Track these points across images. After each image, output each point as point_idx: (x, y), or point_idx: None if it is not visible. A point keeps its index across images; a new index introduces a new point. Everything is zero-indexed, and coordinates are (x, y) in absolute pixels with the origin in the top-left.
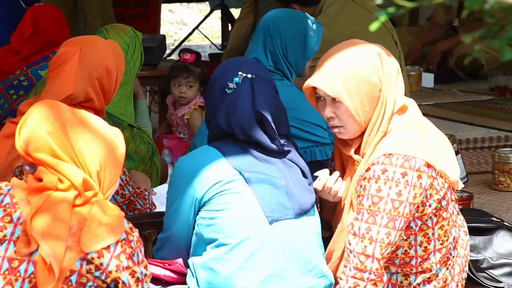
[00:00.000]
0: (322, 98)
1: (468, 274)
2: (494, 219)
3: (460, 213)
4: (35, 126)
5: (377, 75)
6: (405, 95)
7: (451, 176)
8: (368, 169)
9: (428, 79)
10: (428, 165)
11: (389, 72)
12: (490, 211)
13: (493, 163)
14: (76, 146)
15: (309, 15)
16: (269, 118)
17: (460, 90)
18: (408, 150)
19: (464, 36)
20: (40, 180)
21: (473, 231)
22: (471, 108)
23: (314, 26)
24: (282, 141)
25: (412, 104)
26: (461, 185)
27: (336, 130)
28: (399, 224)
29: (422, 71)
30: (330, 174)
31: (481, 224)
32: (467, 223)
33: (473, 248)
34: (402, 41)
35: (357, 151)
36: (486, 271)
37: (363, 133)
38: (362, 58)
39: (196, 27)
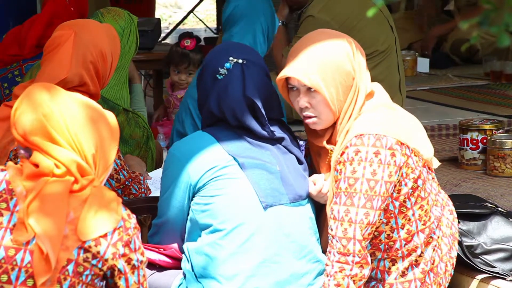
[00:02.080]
0: (295, 89)
1: (463, 259)
2: (488, 204)
3: (442, 191)
4: (31, 109)
5: (351, 63)
6: (399, 81)
7: (424, 154)
8: (342, 153)
9: (423, 64)
10: (401, 143)
11: (360, 60)
12: (485, 196)
13: (488, 149)
14: (72, 129)
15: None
16: (259, 104)
17: (455, 75)
18: (378, 129)
19: (461, 23)
20: (36, 165)
21: (467, 217)
22: (466, 93)
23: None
24: (275, 127)
25: (378, 88)
26: (436, 163)
27: (310, 120)
28: (376, 203)
29: (417, 56)
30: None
31: (475, 210)
32: (461, 209)
33: (467, 234)
34: (398, 26)
35: (329, 141)
36: (480, 256)
37: (334, 123)
38: (336, 47)
39: (191, 11)
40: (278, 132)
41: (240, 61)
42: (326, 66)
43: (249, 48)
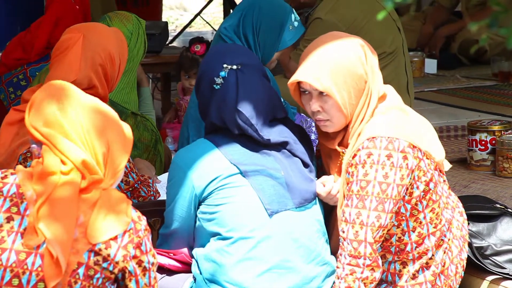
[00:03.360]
0: (307, 92)
1: (473, 260)
2: (498, 205)
3: (452, 193)
4: (46, 102)
5: (363, 66)
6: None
7: (436, 156)
8: (354, 156)
9: (431, 65)
10: (413, 146)
11: (372, 62)
12: (494, 197)
13: (497, 150)
14: (86, 126)
15: (295, 13)
16: (247, 114)
17: (463, 76)
18: (390, 132)
19: (471, 24)
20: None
21: (477, 218)
22: (474, 94)
23: (295, 24)
24: (280, 127)
25: (390, 90)
26: (447, 166)
27: (322, 123)
28: (388, 206)
29: (425, 57)
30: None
31: (485, 211)
32: (470, 210)
33: (477, 235)
34: (406, 27)
35: (340, 144)
36: (490, 257)
37: (346, 125)
38: (348, 50)
39: (198, 14)
40: (282, 134)
41: (235, 67)
42: (338, 70)
43: (243, 50)
